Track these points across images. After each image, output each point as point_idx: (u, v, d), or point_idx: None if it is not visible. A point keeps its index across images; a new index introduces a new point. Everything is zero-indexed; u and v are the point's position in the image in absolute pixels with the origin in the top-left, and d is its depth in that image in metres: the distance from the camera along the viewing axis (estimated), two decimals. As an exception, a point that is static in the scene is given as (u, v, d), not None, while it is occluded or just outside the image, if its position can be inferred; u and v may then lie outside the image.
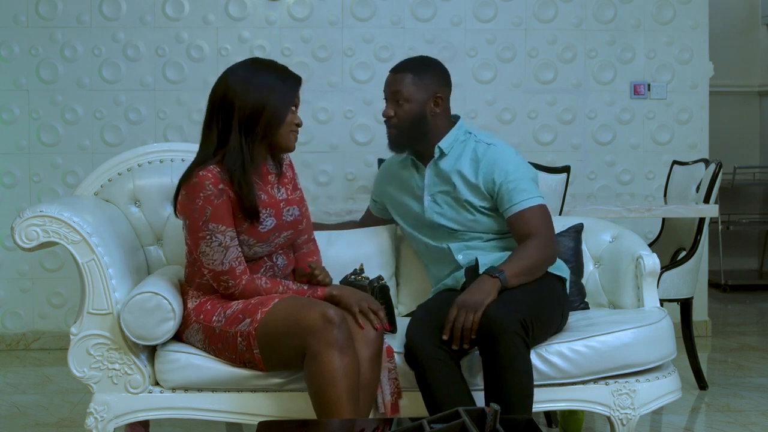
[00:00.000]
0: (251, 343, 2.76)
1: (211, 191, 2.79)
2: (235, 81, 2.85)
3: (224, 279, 2.83)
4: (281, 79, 2.87)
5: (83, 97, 5.08)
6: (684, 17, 5.36)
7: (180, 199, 2.87)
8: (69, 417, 3.92)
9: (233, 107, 2.82)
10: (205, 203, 2.79)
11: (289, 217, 2.94)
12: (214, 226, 2.80)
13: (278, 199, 2.94)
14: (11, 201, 5.06)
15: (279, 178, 2.98)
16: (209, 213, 2.79)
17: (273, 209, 2.90)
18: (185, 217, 2.86)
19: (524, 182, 3.07)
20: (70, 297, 5.09)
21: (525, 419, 2.56)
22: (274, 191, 2.94)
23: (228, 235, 2.81)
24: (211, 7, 5.12)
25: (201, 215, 2.80)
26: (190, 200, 2.81)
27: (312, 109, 5.17)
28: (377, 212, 3.44)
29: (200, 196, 2.79)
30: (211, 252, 2.81)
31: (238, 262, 2.83)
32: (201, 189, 2.79)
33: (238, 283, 2.84)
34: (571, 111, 5.32)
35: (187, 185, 2.82)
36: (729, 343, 5.29)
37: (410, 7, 5.21)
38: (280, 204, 2.93)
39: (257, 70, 2.87)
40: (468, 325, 2.78)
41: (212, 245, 2.81)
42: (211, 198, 2.79)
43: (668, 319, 3.10)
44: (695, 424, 3.93)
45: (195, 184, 2.80)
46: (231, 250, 2.82)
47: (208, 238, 2.80)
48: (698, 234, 4.28)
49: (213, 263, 2.82)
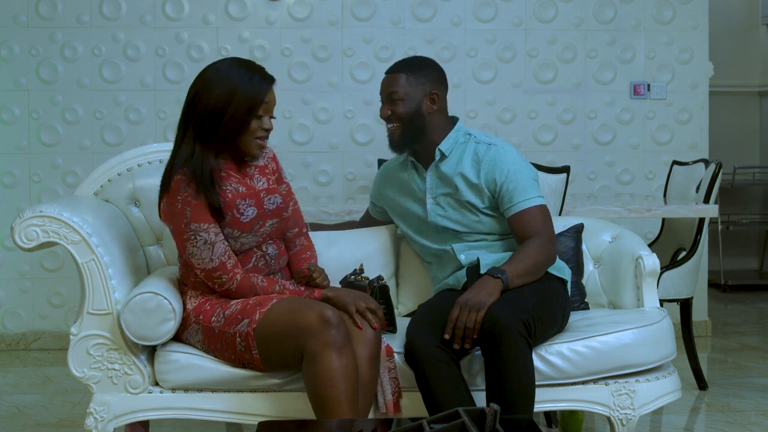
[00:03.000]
0: (250, 343, 2.76)
1: (187, 192, 2.80)
2: (201, 81, 2.87)
3: (217, 275, 2.84)
4: (248, 83, 2.83)
5: (83, 97, 5.08)
6: (684, 17, 5.36)
7: (162, 207, 2.89)
8: (69, 417, 3.92)
9: (196, 110, 2.85)
10: (184, 205, 2.81)
11: (271, 206, 2.94)
12: (196, 225, 2.81)
13: (258, 189, 2.94)
14: (11, 201, 5.06)
15: (260, 168, 2.98)
16: (189, 214, 2.80)
17: (252, 199, 2.90)
18: (168, 223, 2.88)
19: (525, 182, 3.07)
20: (70, 297, 5.09)
21: (525, 419, 2.56)
22: (254, 182, 2.95)
23: (212, 232, 2.82)
24: (211, 7, 5.12)
25: (182, 218, 2.81)
26: (170, 205, 2.84)
27: (312, 109, 5.17)
28: (376, 215, 3.44)
29: (178, 200, 2.81)
30: (198, 251, 2.82)
31: (227, 256, 2.84)
32: (178, 192, 2.81)
33: (232, 277, 2.84)
34: (571, 111, 5.32)
35: (167, 192, 2.84)
36: (729, 343, 5.29)
37: (410, 7, 5.20)
38: (260, 194, 2.93)
39: (226, 73, 2.84)
40: (470, 324, 2.78)
41: (198, 244, 2.81)
42: (188, 199, 2.80)
43: (668, 320, 3.10)
44: (695, 424, 3.93)
45: (171, 190, 2.82)
46: (217, 246, 2.82)
47: (193, 239, 2.81)
48: (698, 234, 4.28)
49: (203, 262, 2.83)
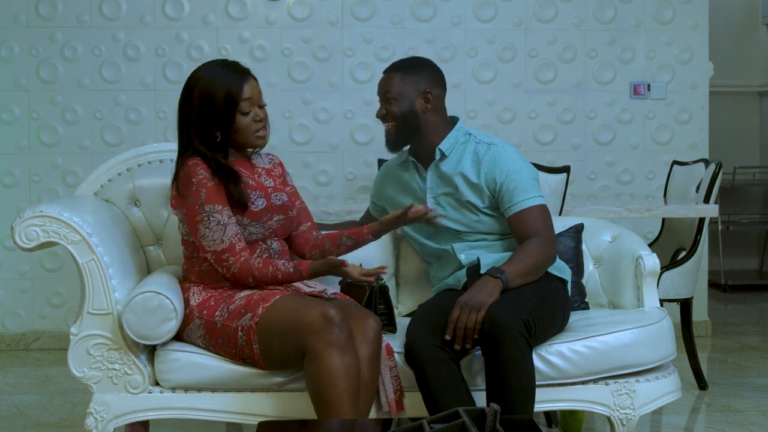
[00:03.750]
0: (251, 338, 2.77)
1: (203, 175, 2.85)
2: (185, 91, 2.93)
3: (225, 257, 2.85)
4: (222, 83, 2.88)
5: (83, 97, 5.08)
6: (684, 17, 5.36)
7: (173, 194, 2.93)
8: (69, 417, 3.92)
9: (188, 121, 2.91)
10: (199, 187, 2.85)
11: (278, 202, 2.99)
12: (210, 207, 2.84)
13: (266, 185, 3.01)
14: (11, 201, 5.05)
15: (266, 171, 3.07)
16: (204, 196, 2.84)
17: (261, 192, 2.96)
18: (181, 207, 2.90)
19: (525, 182, 3.07)
20: (70, 297, 5.08)
21: (525, 419, 2.56)
22: (262, 179, 3.02)
23: (225, 214, 2.85)
24: (211, 7, 5.12)
25: (196, 199, 2.85)
26: (184, 188, 2.87)
27: (312, 109, 5.17)
28: (377, 214, 3.43)
29: (193, 182, 2.85)
30: (210, 233, 2.84)
31: (238, 238, 2.87)
32: (193, 174, 2.85)
33: (237, 260, 2.86)
34: (571, 111, 5.32)
35: (180, 176, 2.89)
36: (729, 343, 5.29)
37: (410, 7, 5.20)
38: (268, 189, 2.99)
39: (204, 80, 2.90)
40: (470, 324, 2.79)
41: (210, 226, 2.84)
42: (203, 181, 2.85)
43: (668, 320, 3.10)
44: (695, 424, 3.93)
45: (186, 172, 2.87)
46: (230, 227, 2.85)
47: (206, 220, 2.84)
48: (698, 234, 4.28)
49: (213, 243, 2.85)
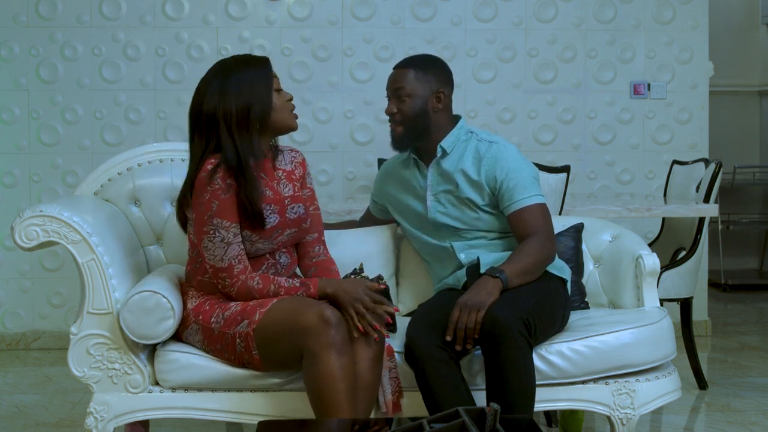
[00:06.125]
0: (250, 344, 2.76)
1: (219, 185, 2.78)
2: (211, 94, 2.83)
3: (222, 276, 2.83)
4: (253, 70, 2.85)
5: (83, 97, 5.08)
6: (684, 17, 5.36)
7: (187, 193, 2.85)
8: (69, 417, 3.92)
9: (217, 119, 2.81)
10: (212, 197, 2.78)
11: (293, 215, 2.92)
12: (219, 221, 2.79)
13: (283, 195, 2.92)
14: (11, 201, 5.05)
15: (287, 174, 2.98)
16: (215, 207, 2.79)
17: (277, 206, 2.88)
18: (192, 211, 2.85)
19: (525, 180, 3.07)
20: (70, 297, 5.08)
21: (525, 419, 2.56)
22: (280, 187, 2.93)
23: (231, 232, 2.80)
24: (211, 7, 5.12)
25: (207, 209, 2.79)
26: (198, 194, 2.81)
27: (312, 109, 5.17)
28: (377, 213, 3.44)
29: (207, 190, 2.78)
30: (212, 247, 2.81)
31: (238, 260, 2.82)
32: (209, 181, 2.78)
33: (234, 282, 2.82)
34: (571, 111, 5.32)
35: (197, 177, 2.81)
36: (729, 343, 5.29)
37: (410, 6, 5.20)
38: (285, 201, 2.91)
39: (227, 74, 2.84)
40: (471, 324, 2.78)
41: (214, 240, 2.80)
42: (218, 192, 2.78)
43: (668, 319, 3.10)
44: (695, 424, 3.93)
45: (203, 177, 2.79)
46: (232, 247, 2.81)
47: (212, 233, 2.80)
48: (698, 234, 4.28)
49: (214, 258, 2.82)
